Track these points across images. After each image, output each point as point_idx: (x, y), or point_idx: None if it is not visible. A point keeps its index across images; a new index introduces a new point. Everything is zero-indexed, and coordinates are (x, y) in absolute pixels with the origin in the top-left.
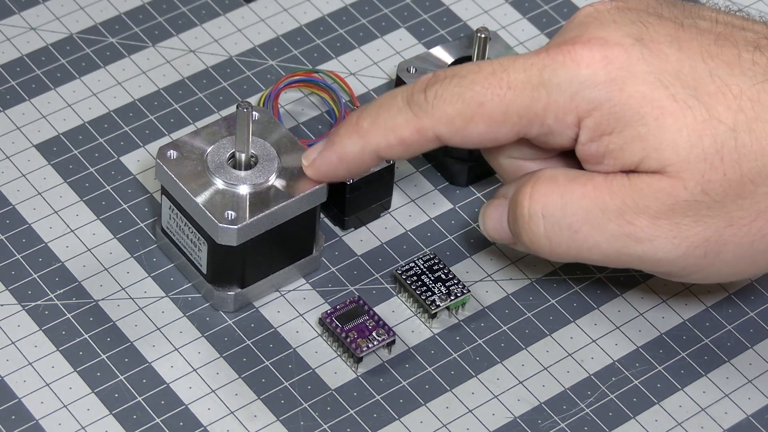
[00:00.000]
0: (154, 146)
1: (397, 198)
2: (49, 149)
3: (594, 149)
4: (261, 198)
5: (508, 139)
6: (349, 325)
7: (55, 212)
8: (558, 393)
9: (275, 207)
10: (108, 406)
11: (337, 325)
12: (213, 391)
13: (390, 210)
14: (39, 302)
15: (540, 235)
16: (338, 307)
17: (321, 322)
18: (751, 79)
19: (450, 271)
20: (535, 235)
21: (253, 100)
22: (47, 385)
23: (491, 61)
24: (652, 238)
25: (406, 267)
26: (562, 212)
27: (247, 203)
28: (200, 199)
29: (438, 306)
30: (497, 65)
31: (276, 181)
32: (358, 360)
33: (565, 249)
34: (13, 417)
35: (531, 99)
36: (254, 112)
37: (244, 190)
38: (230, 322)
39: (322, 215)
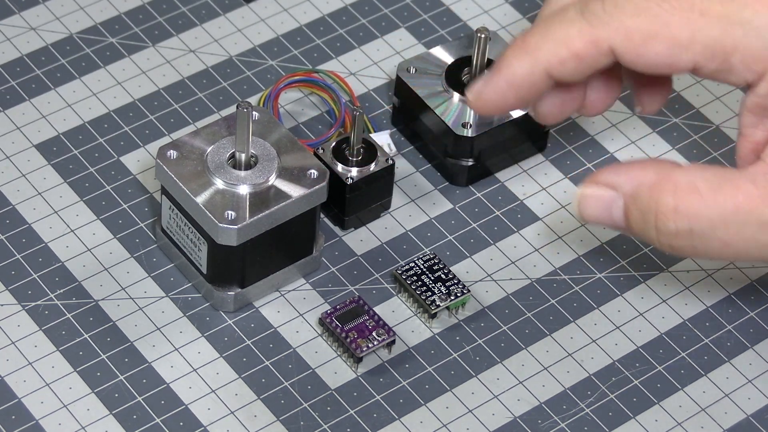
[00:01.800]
0: (154, 146)
1: (397, 198)
2: (49, 149)
3: None
4: (261, 198)
5: (686, 68)
6: (349, 325)
7: (55, 212)
8: (558, 393)
9: (275, 207)
10: (108, 406)
11: (337, 325)
12: (213, 391)
13: (390, 210)
14: (39, 302)
15: (685, 246)
16: (338, 307)
17: (321, 322)
18: None
19: (450, 271)
20: (680, 247)
21: (253, 100)
22: (47, 385)
23: None
24: None
25: (406, 267)
26: (712, 228)
27: (247, 203)
28: (200, 199)
29: (438, 306)
30: None
31: (276, 181)
32: (358, 360)
33: (709, 256)
34: (13, 417)
35: (723, 33)
36: (254, 112)
37: (244, 190)
38: (230, 322)
39: (322, 215)
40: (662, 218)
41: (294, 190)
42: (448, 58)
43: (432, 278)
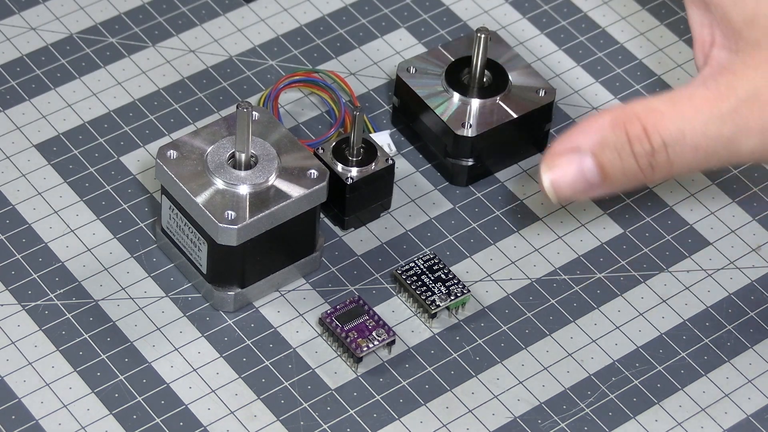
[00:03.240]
0: (154, 146)
1: (397, 198)
2: (49, 149)
3: None
4: (261, 198)
5: None
6: (349, 325)
7: (55, 212)
8: (558, 393)
9: (275, 207)
10: (108, 406)
11: (337, 325)
12: (213, 391)
13: (390, 210)
14: (39, 302)
15: (663, 163)
16: (338, 307)
17: (321, 322)
18: None
19: (450, 271)
20: (659, 165)
21: (253, 100)
22: (47, 385)
23: None
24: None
25: (406, 267)
26: (682, 135)
27: (247, 203)
28: (200, 199)
29: (438, 306)
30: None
31: (276, 181)
32: (358, 360)
33: (686, 166)
34: (13, 417)
35: None
36: (254, 112)
37: (244, 190)
38: (230, 322)
39: (322, 215)
40: (636, 142)
41: (294, 190)
42: (448, 58)
43: (432, 278)
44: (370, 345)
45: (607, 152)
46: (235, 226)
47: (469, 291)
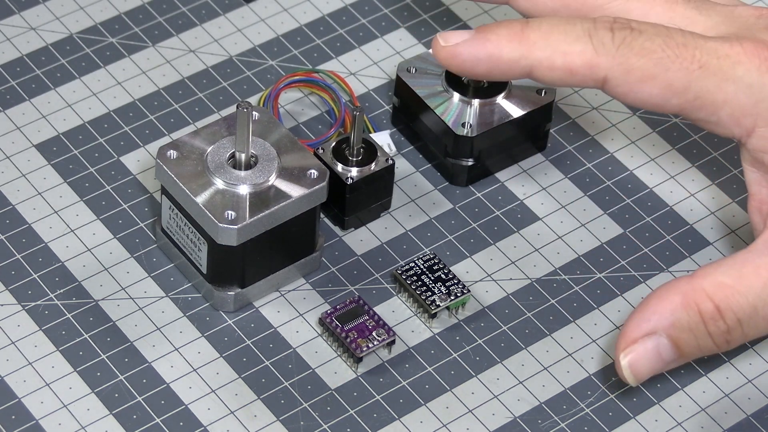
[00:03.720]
0: (154, 146)
1: (397, 198)
2: (49, 149)
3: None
4: (261, 198)
5: (672, 111)
6: (349, 325)
7: (55, 212)
8: (558, 393)
9: (275, 207)
10: (108, 406)
11: (337, 325)
12: (213, 391)
13: (390, 210)
14: (39, 302)
15: (738, 336)
16: (338, 307)
17: (321, 322)
18: None
19: (450, 271)
20: (734, 339)
21: (253, 100)
22: (47, 385)
23: (680, 31)
24: None
25: (406, 267)
26: (755, 310)
27: (247, 203)
28: (200, 199)
29: (438, 306)
30: (689, 38)
31: (276, 181)
32: (358, 360)
33: (759, 334)
34: (13, 417)
35: (716, 87)
36: (254, 112)
37: (244, 190)
38: (230, 322)
39: (322, 215)
40: (711, 323)
41: (294, 190)
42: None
43: (432, 278)
44: (370, 345)
45: (682, 334)
46: (235, 226)
47: (469, 291)
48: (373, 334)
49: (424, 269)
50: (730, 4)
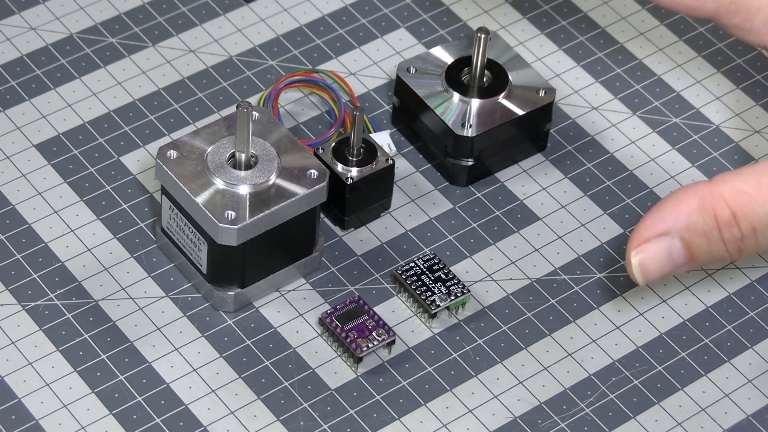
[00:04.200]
0: (154, 146)
1: (397, 198)
2: (49, 149)
3: None
4: (261, 198)
5: (707, 14)
6: (349, 325)
7: (55, 212)
8: (558, 393)
9: (275, 207)
10: (108, 406)
11: (337, 325)
12: (213, 391)
13: (390, 210)
14: (39, 302)
15: (751, 245)
16: (338, 307)
17: (321, 322)
18: None
19: (450, 271)
20: (747, 247)
21: (253, 100)
22: (47, 385)
23: None
24: None
25: (406, 267)
26: None
27: (247, 203)
28: (200, 199)
29: (438, 306)
30: None
31: (276, 181)
32: (358, 360)
33: None
34: (13, 417)
35: None
36: (254, 112)
37: (244, 190)
38: (230, 322)
39: (322, 215)
40: (726, 228)
41: (294, 190)
42: (448, 58)
43: (432, 278)
44: (370, 345)
45: (695, 237)
46: (235, 226)
47: (469, 291)
48: (373, 334)
49: (424, 269)
50: None
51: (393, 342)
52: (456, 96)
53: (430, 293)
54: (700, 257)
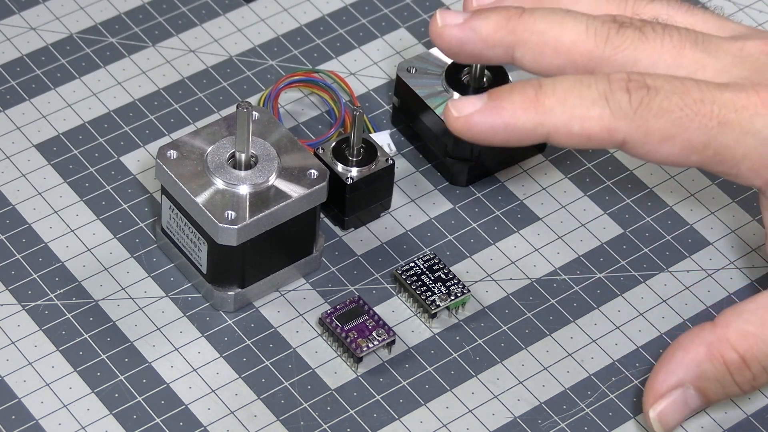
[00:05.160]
0: (154, 146)
1: (397, 198)
2: (49, 149)
3: None
4: (261, 198)
5: (692, 165)
6: (349, 325)
7: (55, 212)
8: (558, 393)
9: (275, 207)
10: (108, 406)
11: (337, 325)
12: (213, 391)
13: (390, 210)
14: (39, 302)
15: (766, 382)
16: (338, 307)
17: (321, 322)
18: None
19: (450, 271)
20: (759, 384)
21: (253, 100)
22: (47, 385)
23: (695, 84)
24: None
25: (406, 267)
26: None
27: (247, 203)
28: (200, 199)
29: (438, 306)
30: (705, 92)
31: (276, 181)
32: (358, 360)
33: None
34: (13, 417)
35: (735, 142)
36: (254, 112)
37: (244, 190)
38: (230, 322)
39: (322, 215)
40: (737, 372)
41: (294, 190)
42: (448, 58)
43: (432, 278)
44: (370, 345)
45: (708, 384)
46: (235, 226)
47: (469, 291)
48: (373, 334)
49: (424, 269)
50: (736, 35)
51: (393, 342)
52: (456, 96)
53: (430, 293)
54: (716, 399)
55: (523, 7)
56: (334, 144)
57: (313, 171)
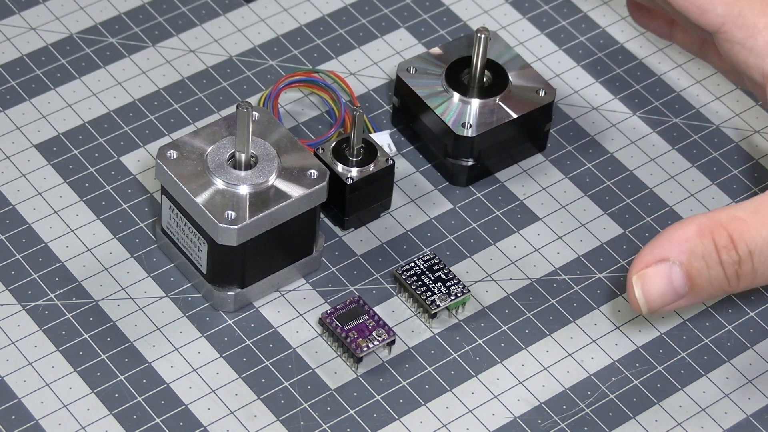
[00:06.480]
0: (154, 146)
1: (397, 198)
2: (49, 149)
3: None
4: (261, 198)
5: (712, 23)
6: (349, 325)
7: (55, 212)
8: (558, 393)
9: (275, 207)
10: (108, 406)
11: (337, 325)
12: (213, 391)
13: (390, 210)
14: (39, 302)
15: (748, 271)
16: (338, 307)
17: (321, 322)
18: None
19: (450, 271)
20: (745, 273)
21: (253, 100)
22: (47, 385)
23: None
24: None
25: (406, 267)
26: (766, 244)
27: (247, 203)
28: (200, 199)
29: (438, 306)
30: None
31: (276, 181)
32: (358, 360)
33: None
34: (13, 417)
35: (761, 10)
36: (254, 112)
37: (244, 190)
38: (230, 322)
39: (322, 215)
40: (724, 251)
41: (294, 190)
42: (448, 58)
43: (432, 278)
44: (370, 345)
45: (694, 261)
46: (235, 226)
47: (469, 291)
48: (373, 334)
49: (424, 269)
50: None
51: (393, 342)
52: (456, 96)
53: (430, 293)
54: (700, 284)
55: None
56: (334, 144)
57: (313, 171)
